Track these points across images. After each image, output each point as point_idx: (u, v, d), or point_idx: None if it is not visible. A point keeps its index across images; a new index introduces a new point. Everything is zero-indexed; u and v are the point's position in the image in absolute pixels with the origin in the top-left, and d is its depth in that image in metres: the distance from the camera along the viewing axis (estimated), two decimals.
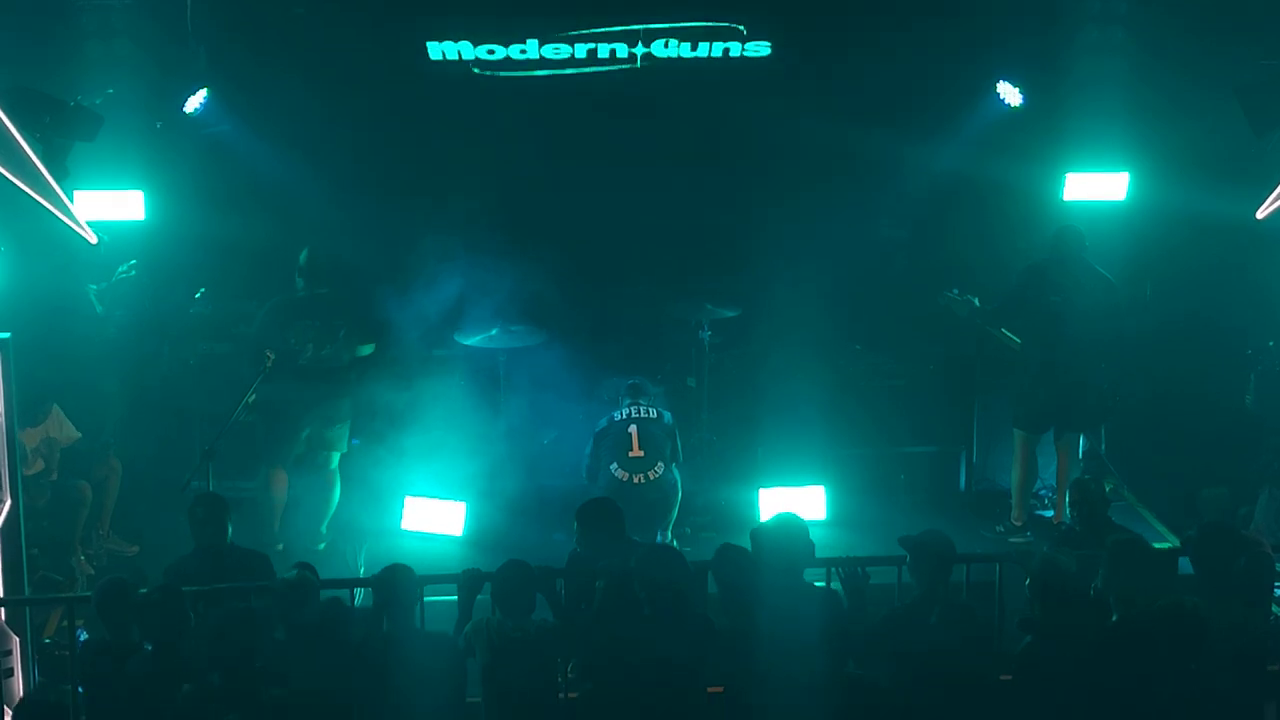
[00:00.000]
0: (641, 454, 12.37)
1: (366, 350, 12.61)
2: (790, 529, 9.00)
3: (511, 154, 14.80)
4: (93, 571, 12.08)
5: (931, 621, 8.62)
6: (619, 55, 14.59)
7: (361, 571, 11.86)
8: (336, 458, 12.65)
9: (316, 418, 12.47)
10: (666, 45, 14.59)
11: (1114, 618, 8.43)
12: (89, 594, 9.34)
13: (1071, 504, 10.78)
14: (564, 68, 14.59)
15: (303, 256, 12.46)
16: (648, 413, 12.60)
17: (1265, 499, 12.23)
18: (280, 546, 12.28)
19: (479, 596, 9.15)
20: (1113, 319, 12.86)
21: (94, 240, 11.92)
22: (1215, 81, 12.88)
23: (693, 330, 13.98)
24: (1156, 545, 9.72)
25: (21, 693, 9.71)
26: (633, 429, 12.46)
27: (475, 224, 14.31)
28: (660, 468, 12.35)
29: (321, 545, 12.51)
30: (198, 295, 13.68)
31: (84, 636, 9.72)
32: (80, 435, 12.51)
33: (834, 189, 14.62)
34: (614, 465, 12.36)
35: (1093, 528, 10.39)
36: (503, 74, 14.56)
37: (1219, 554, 8.72)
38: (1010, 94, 14.34)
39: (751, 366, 14.52)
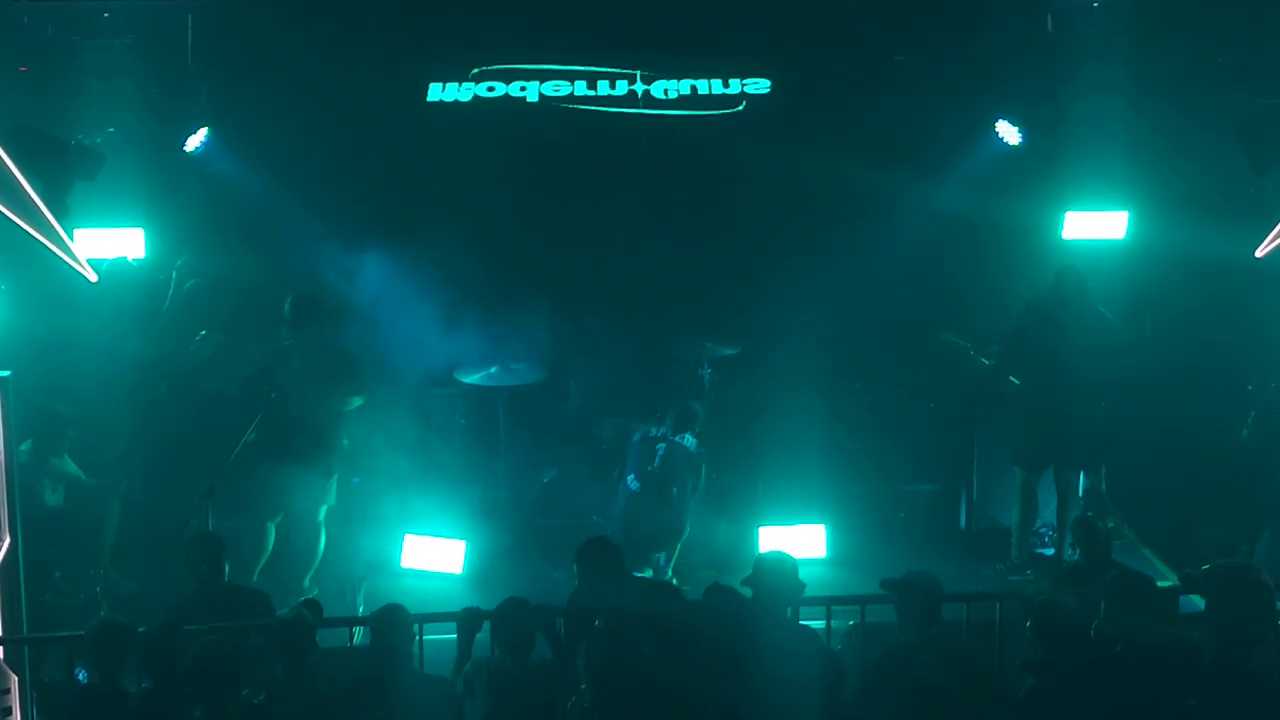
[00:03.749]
0: (661, 472, 12.32)
1: (357, 402, 12.43)
2: (781, 565, 9.04)
3: (512, 194, 14.78)
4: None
5: (925, 660, 8.60)
6: (618, 93, 14.66)
7: (360, 610, 11.82)
8: (323, 510, 12.49)
9: (301, 470, 12.22)
10: (666, 93, 14.71)
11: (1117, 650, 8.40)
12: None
13: (1077, 541, 10.73)
14: (565, 104, 14.69)
15: (286, 305, 12.34)
16: (680, 437, 12.57)
17: (1267, 539, 12.19)
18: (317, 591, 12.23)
19: (478, 635, 9.14)
20: (1113, 359, 12.85)
21: (94, 278, 11.90)
22: (1214, 120, 12.89)
23: (693, 368, 13.98)
24: (1158, 583, 9.64)
25: None
26: (661, 448, 12.46)
27: (475, 263, 14.27)
28: (674, 492, 12.31)
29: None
30: (199, 337, 13.64)
31: (83, 676, 9.68)
32: None
33: (834, 227, 14.64)
34: (631, 476, 12.34)
35: (1098, 565, 10.35)
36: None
37: (1236, 596, 8.61)
38: (1009, 133, 14.36)
39: (751, 404, 14.51)
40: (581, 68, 14.68)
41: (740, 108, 14.77)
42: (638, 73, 14.66)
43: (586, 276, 14.86)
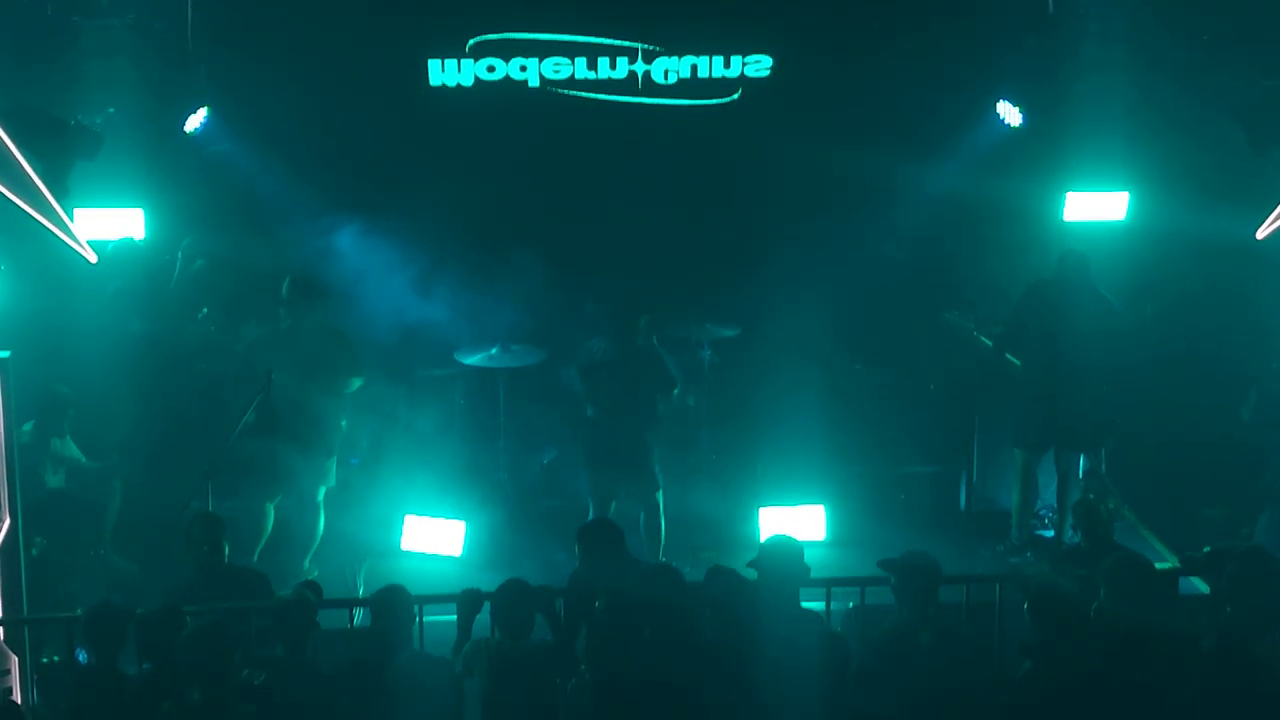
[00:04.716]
0: (618, 386, 12.15)
1: (357, 384, 12.42)
2: (787, 549, 9.00)
3: (512, 175, 14.78)
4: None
5: (923, 642, 8.60)
6: (618, 75, 14.67)
7: (360, 591, 11.82)
8: (322, 491, 12.43)
9: (299, 451, 12.14)
10: (666, 75, 14.71)
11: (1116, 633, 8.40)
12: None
13: (1079, 524, 10.73)
14: (565, 88, 14.70)
15: (284, 286, 12.25)
16: (630, 342, 12.27)
17: (1266, 521, 12.20)
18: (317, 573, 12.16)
19: (478, 616, 9.14)
20: (1114, 342, 12.83)
21: (94, 259, 11.91)
22: (1215, 100, 12.91)
23: (693, 349, 13.97)
24: (1158, 565, 9.65)
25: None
26: (611, 365, 12.20)
27: (474, 245, 14.28)
28: (642, 402, 12.19)
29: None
30: (201, 315, 13.64)
31: (84, 657, 9.68)
32: None
33: (834, 208, 14.62)
34: (590, 409, 12.24)
35: (1100, 547, 10.34)
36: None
37: (1251, 582, 8.58)
38: (1010, 113, 14.36)
39: (752, 386, 14.49)
40: (582, 39, 14.66)
41: (736, 95, 14.80)
42: (639, 48, 14.65)
43: (587, 258, 14.84)
